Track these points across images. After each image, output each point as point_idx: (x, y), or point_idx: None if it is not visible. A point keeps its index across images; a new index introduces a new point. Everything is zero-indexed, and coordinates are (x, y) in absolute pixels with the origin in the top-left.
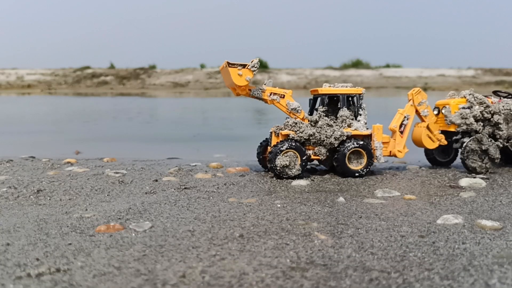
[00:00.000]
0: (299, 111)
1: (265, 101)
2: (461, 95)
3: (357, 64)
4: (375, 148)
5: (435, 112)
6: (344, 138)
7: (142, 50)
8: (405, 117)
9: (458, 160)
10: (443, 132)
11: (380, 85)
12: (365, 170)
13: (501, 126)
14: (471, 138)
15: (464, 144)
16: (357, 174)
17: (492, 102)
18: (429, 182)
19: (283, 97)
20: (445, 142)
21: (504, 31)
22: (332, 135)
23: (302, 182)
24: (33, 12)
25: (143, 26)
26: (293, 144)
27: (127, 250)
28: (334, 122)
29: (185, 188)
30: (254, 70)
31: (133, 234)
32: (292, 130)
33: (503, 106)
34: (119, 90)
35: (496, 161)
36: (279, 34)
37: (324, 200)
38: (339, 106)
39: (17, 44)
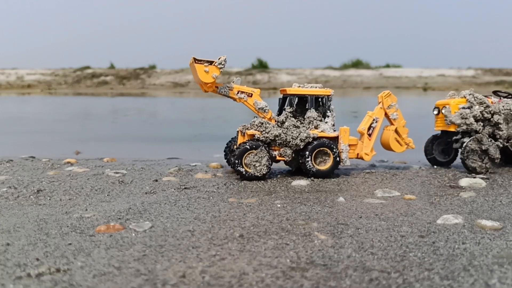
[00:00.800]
0: (267, 110)
1: (234, 99)
2: (461, 95)
3: (357, 64)
4: (341, 150)
5: (435, 112)
6: (310, 139)
7: (142, 50)
8: (373, 119)
9: (458, 160)
10: (443, 132)
11: (380, 85)
12: (333, 169)
13: (501, 126)
14: (471, 138)
15: (464, 144)
16: (322, 175)
17: (492, 102)
18: (429, 182)
19: (251, 96)
20: (413, 146)
21: (504, 31)
22: (298, 137)
23: (302, 182)
24: (33, 12)
25: (143, 26)
26: (247, 145)
27: (127, 250)
28: (301, 123)
29: (185, 188)
30: (221, 68)
31: (133, 234)
32: (258, 130)
33: (503, 106)
34: (119, 90)
35: (496, 161)
36: (279, 34)
37: (324, 200)
38: (307, 107)
39: (17, 44)
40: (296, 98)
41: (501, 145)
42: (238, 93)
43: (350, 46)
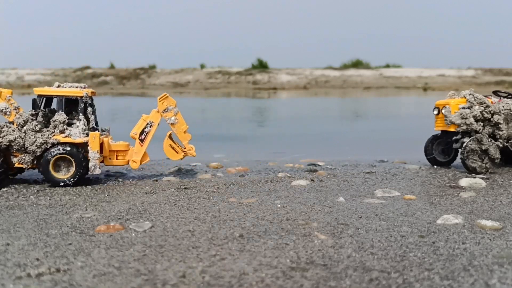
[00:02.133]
0: (8, 113)
1: None
2: (461, 95)
3: (357, 64)
4: (89, 157)
5: (435, 112)
6: (48, 146)
7: (142, 50)
8: (147, 123)
9: (458, 160)
10: (443, 132)
11: (380, 85)
12: (72, 179)
13: (501, 126)
14: (471, 138)
15: (464, 144)
16: (61, 184)
17: (492, 102)
18: (429, 182)
19: None
20: (194, 154)
21: (504, 31)
22: (34, 142)
23: (302, 182)
24: (33, 11)
25: (143, 26)
26: None
27: (127, 250)
28: (47, 127)
29: (185, 188)
30: None
31: (133, 234)
32: None
33: (503, 106)
34: (119, 90)
35: (496, 161)
36: (279, 34)
37: (324, 200)
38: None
39: (17, 44)
40: (44, 99)
41: (501, 145)
42: None
43: (350, 46)
